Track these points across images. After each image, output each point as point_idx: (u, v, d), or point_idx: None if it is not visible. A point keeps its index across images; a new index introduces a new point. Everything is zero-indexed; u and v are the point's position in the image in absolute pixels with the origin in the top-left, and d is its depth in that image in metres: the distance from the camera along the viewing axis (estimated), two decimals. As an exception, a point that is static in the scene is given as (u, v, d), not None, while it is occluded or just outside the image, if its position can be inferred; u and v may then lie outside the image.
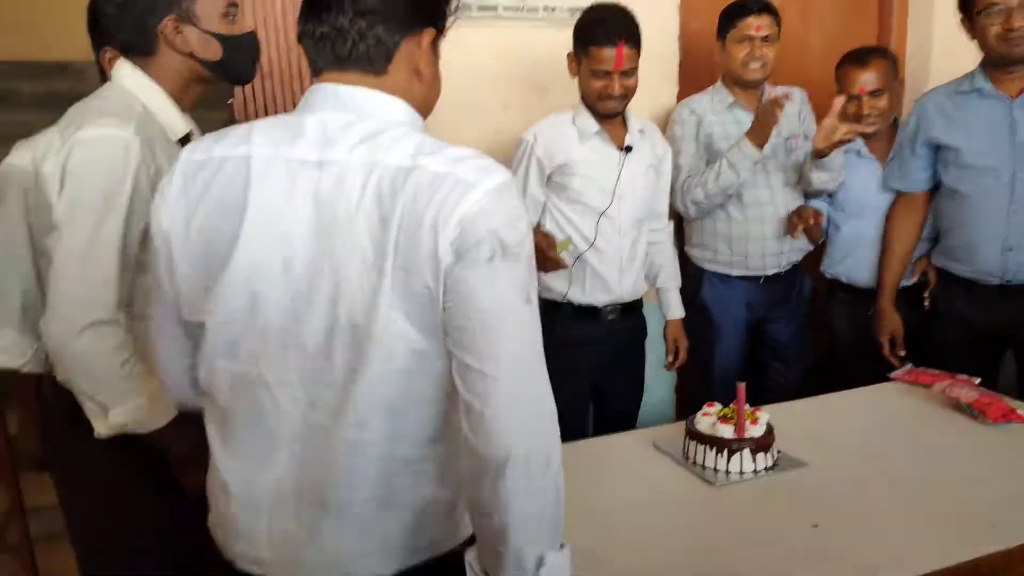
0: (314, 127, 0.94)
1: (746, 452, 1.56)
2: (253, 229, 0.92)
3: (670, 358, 2.37)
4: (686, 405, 2.64)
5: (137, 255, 1.28)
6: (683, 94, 2.53)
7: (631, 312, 2.22)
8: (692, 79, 2.58)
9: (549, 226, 2.11)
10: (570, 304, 2.14)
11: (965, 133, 2.15)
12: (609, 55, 1.96)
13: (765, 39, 2.25)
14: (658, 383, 2.58)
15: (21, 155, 1.37)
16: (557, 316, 2.11)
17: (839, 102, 2.13)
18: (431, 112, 1.08)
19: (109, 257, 1.25)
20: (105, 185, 1.25)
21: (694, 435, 1.62)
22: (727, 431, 1.58)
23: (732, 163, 2.17)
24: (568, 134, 2.08)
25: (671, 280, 2.34)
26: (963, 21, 2.12)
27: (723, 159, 2.19)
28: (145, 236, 1.19)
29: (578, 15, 2.06)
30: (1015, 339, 2.17)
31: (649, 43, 2.08)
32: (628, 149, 2.09)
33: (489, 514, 0.89)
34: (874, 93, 2.25)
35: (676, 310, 2.35)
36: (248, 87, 2.25)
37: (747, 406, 1.62)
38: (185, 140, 1.38)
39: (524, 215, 0.94)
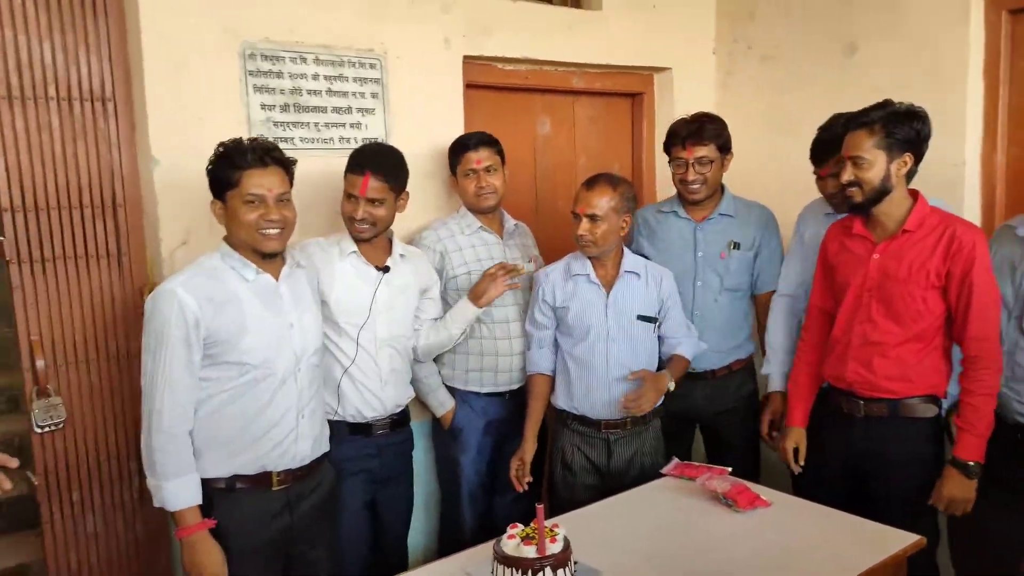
0: None
1: (548, 571, 1.70)
2: None
3: None
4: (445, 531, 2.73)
5: None
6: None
7: (400, 426, 2.35)
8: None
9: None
10: (343, 423, 2.22)
11: (661, 245, 2.64)
12: (356, 181, 2.15)
13: (487, 170, 2.45)
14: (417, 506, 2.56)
15: None
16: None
17: None
18: (246, 238, 1.87)
19: None
20: None
21: (501, 559, 1.73)
22: (531, 551, 1.71)
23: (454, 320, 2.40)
24: (331, 253, 2.22)
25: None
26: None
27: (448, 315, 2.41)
28: None
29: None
30: (700, 419, 2.74)
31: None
32: (386, 269, 2.24)
33: None
34: (592, 218, 2.24)
35: None
36: (23, 223, 2.14)
37: (545, 523, 1.76)
38: None
39: (155, 314, 1.80)
